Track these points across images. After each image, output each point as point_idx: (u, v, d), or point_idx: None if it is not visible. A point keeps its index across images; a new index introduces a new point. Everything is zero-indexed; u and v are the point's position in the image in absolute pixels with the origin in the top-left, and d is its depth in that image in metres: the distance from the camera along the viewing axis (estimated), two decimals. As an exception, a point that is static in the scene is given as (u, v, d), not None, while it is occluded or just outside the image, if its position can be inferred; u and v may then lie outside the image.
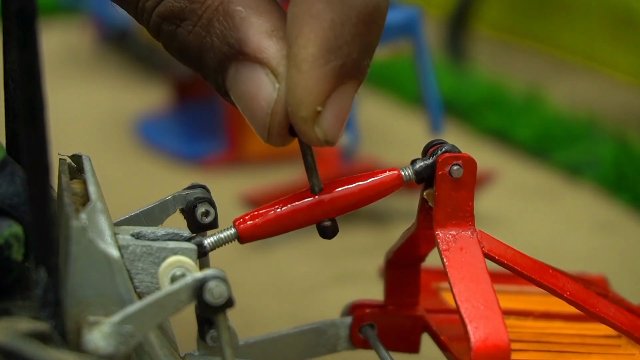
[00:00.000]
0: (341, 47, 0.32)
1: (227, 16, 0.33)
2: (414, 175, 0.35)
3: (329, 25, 0.31)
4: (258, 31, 0.32)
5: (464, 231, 0.35)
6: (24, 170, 0.33)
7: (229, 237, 0.34)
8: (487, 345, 0.32)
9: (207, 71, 0.34)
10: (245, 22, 0.32)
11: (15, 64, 0.33)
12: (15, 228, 0.32)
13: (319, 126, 0.32)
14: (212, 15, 0.33)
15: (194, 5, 0.33)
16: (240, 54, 0.33)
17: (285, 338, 0.38)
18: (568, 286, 0.35)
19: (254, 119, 0.33)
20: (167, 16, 0.33)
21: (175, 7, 0.33)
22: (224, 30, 0.33)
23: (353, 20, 0.32)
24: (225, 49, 0.33)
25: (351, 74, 0.32)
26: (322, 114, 0.32)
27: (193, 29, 0.33)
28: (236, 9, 0.32)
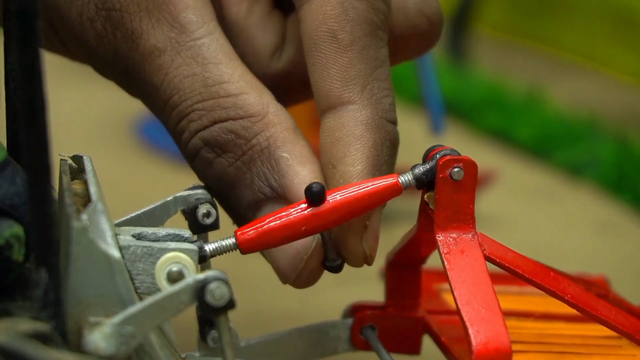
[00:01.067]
0: (382, 166, 0.35)
1: (272, 159, 0.35)
2: (414, 181, 0.35)
3: (373, 144, 0.35)
4: (302, 180, 0.35)
5: (465, 234, 0.35)
6: (24, 171, 0.33)
7: (229, 247, 0.34)
8: (489, 348, 0.32)
9: (238, 204, 0.36)
10: (291, 169, 0.35)
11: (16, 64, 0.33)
12: (16, 228, 0.32)
13: (365, 241, 0.35)
14: (257, 155, 0.35)
15: (240, 140, 0.35)
16: (282, 198, 0.35)
17: (286, 339, 0.38)
18: (569, 289, 0.35)
19: (284, 260, 0.35)
20: (209, 143, 0.35)
21: (221, 138, 0.35)
22: (267, 173, 0.35)
23: (388, 143, 0.36)
24: (266, 190, 0.35)
25: None
26: (369, 227, 0.35)
27: (235, 163, 0.35)
28: (282, 155, 0.35)
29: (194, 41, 0.35)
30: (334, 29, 0.35)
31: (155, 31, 0.35)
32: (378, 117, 0.35)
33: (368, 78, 0.35)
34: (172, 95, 0.35)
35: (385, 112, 0.36)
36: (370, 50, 0.35)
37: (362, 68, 0.35)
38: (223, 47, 0.36)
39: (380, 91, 0.35)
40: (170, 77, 0.35)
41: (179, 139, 0.36)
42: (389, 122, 0.36)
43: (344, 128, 0.35)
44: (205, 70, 0.35)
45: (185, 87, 0.35)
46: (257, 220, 0.34)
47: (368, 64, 0.35)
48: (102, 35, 0.36)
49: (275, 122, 0.35)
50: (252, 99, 0.35)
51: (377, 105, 0.35)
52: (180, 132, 0.36)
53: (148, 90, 0.36)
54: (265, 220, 0.34)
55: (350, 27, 0.35)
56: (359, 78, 0.35)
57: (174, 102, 0.35)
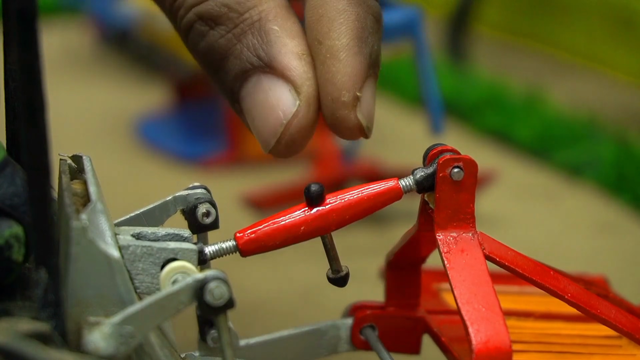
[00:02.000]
0: (367, 38, 0.35)
1: (262, 31, 0.35)
2: (415, 185, 0.35)
3: (356, 17, 0.35)
4: (290, 51, 0.35)
5: (465, 233, 0.35)
6: (24, 171, 0.33)
7: (229, 249, 0.34)
8: (489, 347, 0.32)
9: (226, 76, 0.36)
10: (279, 40, 0.35)
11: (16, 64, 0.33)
12: (16, 228, 0.32)
13: (360, 111, 0.35)
14: (248, 27, 0.36)
15: (233, 14, 0.36)
16: (268, 67, 0.35)
17: (286, 339, 0.38)
18: (569, 288, 0.35)
19: (265, 126, 0.36)
20: (204, 16, 0.36)
21: (215, 11, 0.36)
22: (257, 44, 0.35)
23: (371, 16, 0.36)
24: (254, 60, 0.35)
25: (375, 63, 0.36)
26: (362, 99, 0.35)
27: (226, 35, 0.36)
28: (272, 27, 0.35)
29: None
30: None
31: None
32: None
33: None
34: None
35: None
36: None
37: None
38: None
39: None
40: None
41: (175, 17, 0.37)
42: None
43: (326, 4, 0.35)
44: None
45: None
46: (257, 222, 0.34)
47: None
48: None
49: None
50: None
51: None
52: (177, 9, 0.36)
53: None
54: (265, 222, 0.34)
55: None
56: None
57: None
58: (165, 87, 0.88)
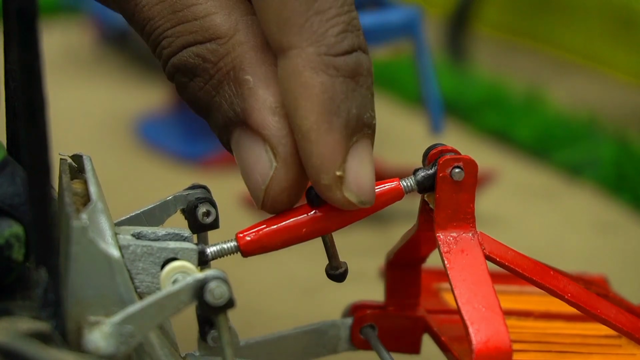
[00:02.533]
0: (339, 107, 0.32)
1: (236, 83, 0.33)
2: (416, 185, 0.35)
3: (321, 89, 0.32)
4: (263, 106, 0.33)
5: (465, 233, 0.35)
6: (24, 170, 0.33)
7: (231, 250, 0.34)
8: (489, 347, 0.32)
9: (215, 127, 0.35)
10: (252, 93, 0.33)
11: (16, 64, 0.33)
12: (16, 228, 0.32)
13: (347, 190, 0.33)
14: (223, 78, 0.33)
15: (207, 64, 0.34)
16: (244, 124, 0.33)
17: (286, 339, 0.38)
18: (569, 288, 0.35)
19: (249, 187, 0.34)
20: (180, 68, 0.34)
21: (189, 63, 0.34)
22: (232, 97, 0.33)
23: (339, 78, 0.32)
24: (232, 114, 0.34)
25: (358, 129, 0.33)
26: (346, 177, 0.33)
27: (204, 87, 0.34)
28: (245, 77, 0.33)
29: None
30: None
31: None
32: (322, 56, 0.32)
33: (305, 14, 0.32)
34: (145, 24, 0.35)
35: (331, 47, 0.32)
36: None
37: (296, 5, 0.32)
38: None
39: (321, 25, 0.32)
40: (141, 6, 0.35)
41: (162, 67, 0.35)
42: (338, 56, 0.32)
43: (290, 78, 0.32)
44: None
45: (155, 15, 0.34)
46: (258, 223, 0.34)
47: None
48: None
49: (242, 41, 0.34)
50: (219, 19, 0.34)
51: (318, 43, 0.32)
52: (159, 59, 0.35)
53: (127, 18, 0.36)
54: (266, 223, 0.34)
55: None
56: (294, 17, 0.32)
57: (147, 31, 0.35)
58: (165, 87, 0.88)
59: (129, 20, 0.36)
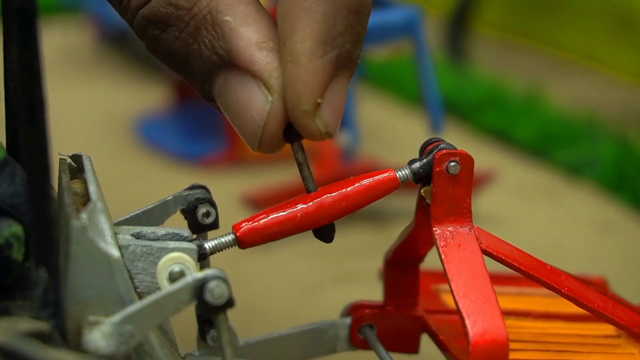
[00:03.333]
0: (335, 39, 0.32)
1: (215, 26, 0.33)
2: (412, 175, 0.35)
3: (322, 18, 0.32)
4: (248, 43, 0.33)
5: (462, 227, 0.35)
6: (24, 170, 0.33)
7: (229, 242, 0.34)
8: (485, 339, 0.32)
9: (194, 77, 0.34)
10: (235, 33, 0.33)
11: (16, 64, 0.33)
12: (16, 228, 0.32)
13: (319, 118, 0.33)
14: (200, 23, 0.33)
15: (181, 11, 0.33)
16: (230, 65, 0.33)
17: (285, 338, 0.38)
18: (566, 282, 0.35)
19: (244, 128, 0.33)
20: (152, 20, 0.33)
21: (161, 12, 0.33)
22: (213, 40, 0.33)
23: (343, 12, 0.32)
24: (214, 58, 0.33)
25: (345, 64, 0.33)
26: (322, 106, 0.33)
27: (180, 35, 0.33)
28: (225, 19, 0.33)
29: None
30: None
31: None
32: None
33: None
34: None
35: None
36: None
37: None
38: None
39: None
40: None
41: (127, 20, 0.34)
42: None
43: (292, 1, 0.32)
44: None
45: None
46: (255, 215, 0.34)
47: None
48: None
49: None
50: None
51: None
52: (125, 12, 0.34)
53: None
54: (262, 214, 0.34)
55: None
56: None
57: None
58: (165, 87, 0.88)
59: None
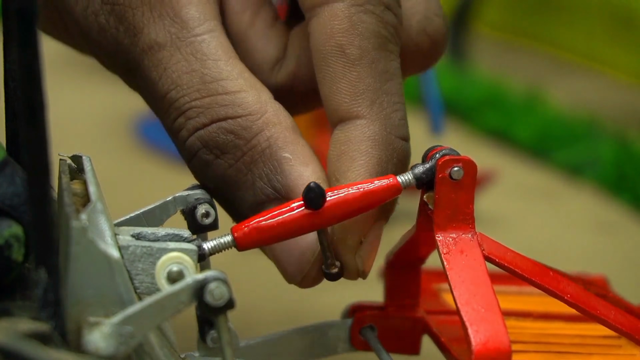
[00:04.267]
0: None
1: (274, 160, 0.34)
2: (414, 180, 0.35)
3: (377, 162, 0.34)
4: (306, 181, 0.34)
5: (465, 234, 0.35)
6: (24, 171, 0.33)
7: (228, 244, 0.34)
8: (488, 348, 0.32)
9: (240, 206, 0.35)
10: (293, 170, 0.34)
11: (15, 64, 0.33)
12: (15, 228, 0.32)
13: (359, 256, 0.35)
14: (258, 156, 0.34)
15: (239, 141, 0.34)
16: (286, 200, 0.34)
17: (286, 339, 0.38)
18: (569, 289, 0.35)
19: (291, 263, 0.35)
20: (208, 144, 0.34)
21: (220, 139, 0.34)
22: (270, 174, 0.34)
23: (394, 160, 0.35)
24: (269, 192, 0.34)
25: (388, 213, 0.36)
26: (363, 245, 0.35)
27: (235, 164, 0.34)
28: (284, 155, 0.34)
29: (195, 37, 0.35)
30: (342, 43, 0.34)
31: (157, 26, 0.35)
32: (386, 133, 0.35)
33: (377, 92, 0.35)
34: (170, 90, 0.35)
35: (395, 128, 0.35)
36: (379, 64, 0.35)
37: (371, 82, 0.35)
38: (223, 44, 0.35)
39: (390, 105, 0.35)
40: (169, 72, 0.35)
41: (177, 137, 0.35)
42: (398, 139, 0.35)
43: (350, 142, 0.35)
44: (204, 67, 0.35)
45: (183, 83, 0.35)
46: (254, 216, 0.34)
47: (377, 77, 0.35)
48: (105, 28, 0.36)
49: (275, 121, 0.35)
50: (250, 97, 0.35)
51: (386, 121, 0.35)
52: (178, 130, 0.35)
53: (147, 85, 0.36)
54: (262, 216, 0.34)
55: (358, 41, 0.34)
56: (368, 92, 0.35)
57: (171, 97, 0.35)
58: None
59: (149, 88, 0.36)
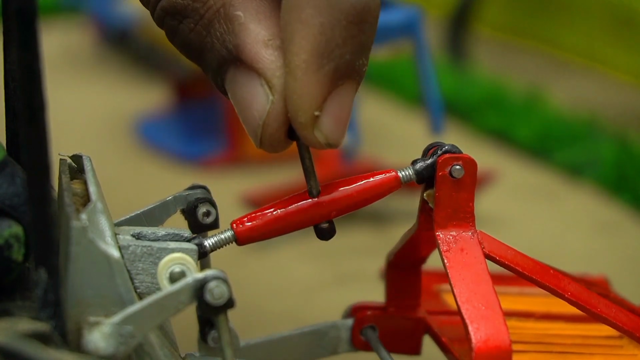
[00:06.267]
0: (333, 51, 0.32)
1: (227, 20, 0.33)
2: (415, 175, 0.35)
3: (319, 30, 0.32)
4: (255, 39, 0.33)
5: (465, 232, 0.35)
6: (24, 171, 0.33)
7: (228, 239, 0.34)
8: (489, 346, 0.32)
9: (208, 69, 0.34)
10: (243, 28, 0.33)
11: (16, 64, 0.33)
12: (15, 228, 0.32)
13: (318, 130, 0.33)
14: (213, 16, 0.33)
15: (196, 4, 0.33)
16: (237, 60, 0.33)
17: (286, 340, 0.38)
18: (569, 287, 0.35)
19: (246, 125, 0.34)
20: (169, 11, 0.34)
21: (178, 4, 0.33)
22: (224, 34, 0.33)
23: (342, 22, 0.32)
24: (224, 52, 0.33)
25: (347, 75, 0.33)
26: (321, 118, 0.32)
27: (195, 27, 0.33)
28: (236, 13, 0.33)
29: None
30: None
31: None
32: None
33: None
34: None
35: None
36: None
37: None
38: None
39: None
40: None
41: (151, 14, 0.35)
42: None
43: (292, 11, 0.32)
44: None
45: None
46: (254, 211, 0.34)
47: None
48: None
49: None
50: None
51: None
52: (147, 4, 0.35)
53: None
54: (262, 211, 0.34)
55: None
56: None
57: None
58: (165, 87, 0.88)
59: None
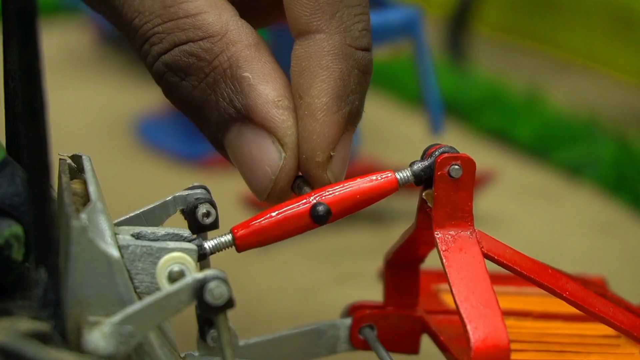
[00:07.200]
0: (348, 96, 0.35)
1: (234, 80, 0.34)
2: (413, 177, 0.35)
3: (339, 75, 0.35)
4: (265, 100, 0.34)
5: (463, 231, 0.35)
6: (24, 170, 0.33)
7: (228, 243, 0.34)
8: (487, 345, 0.32)
9: (206, 125, 0.36)
10: (253, 89, 0.34)
11: (16, 64, 0.33)
12: (15, 228, 0.32)
13: (330, 170, 0.35)
14: (220, 76, 0.35)
15: (202, 62, 0.34)
16: (247, 119, 0.35)
17: (285, 339, 0.38)
18: (567, 286, 0.35)
19: (255, 180, 0.35)
20: (172, 67, 0.35)
21: (182, 61, 0.35)
22: (231, 94, 0.35)
23: (355, 71, 0.35)
24: (231, 111, 0.35)
25: (353, 119, 0.36)
26: (333, 158, 0.35)
27: (198, 86, 0.35)
28: (244, 75, 0.34)
29: None
30: None
31: None
32: (346, 46, 0.35)
33: (338, 5, 0.35)
34: (134, 17, 0.35)
35: (355, 40, 0.35)
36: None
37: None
38: None
39: (350, 18, 0.35)
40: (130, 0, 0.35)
41: (145, 63, 0.36)
42: (358, 50, 0.35)
43: (310, 58, 0.35)
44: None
45: (145, 10, 0.35)
46: (254, 217, 0.34)
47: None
48: None
49: (235, 40, 0.35)
50: (210, 17, 0.35)
51: (345, 34, 0.35)
52: (145, 56, 0.35)
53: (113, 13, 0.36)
54: (262, 217, 0.34)
55: None
56: (327, 6, 0.34)
57: (135, 25, 0.35)
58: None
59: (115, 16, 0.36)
